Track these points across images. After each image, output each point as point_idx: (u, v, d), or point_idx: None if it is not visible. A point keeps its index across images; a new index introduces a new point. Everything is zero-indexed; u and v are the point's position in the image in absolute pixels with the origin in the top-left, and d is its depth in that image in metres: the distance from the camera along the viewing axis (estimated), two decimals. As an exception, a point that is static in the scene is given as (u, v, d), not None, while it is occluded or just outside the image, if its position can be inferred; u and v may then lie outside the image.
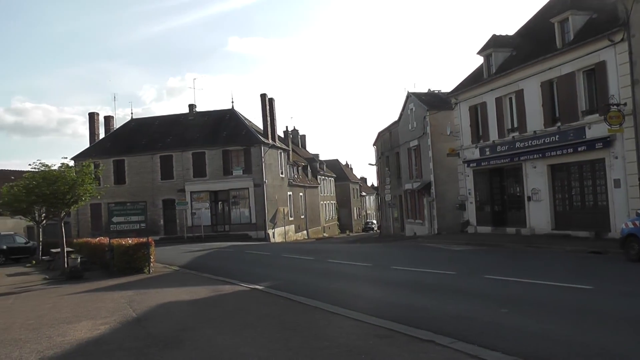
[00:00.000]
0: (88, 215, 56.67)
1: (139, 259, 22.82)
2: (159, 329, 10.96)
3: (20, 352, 9.85)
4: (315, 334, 9.65)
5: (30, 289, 20.84)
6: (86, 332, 11.21)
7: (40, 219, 34.21)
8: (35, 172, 26.09)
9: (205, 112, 62.35)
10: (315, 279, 18.31)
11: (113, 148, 59.01)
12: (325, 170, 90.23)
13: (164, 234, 53.68)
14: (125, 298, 15.68)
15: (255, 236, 51.77)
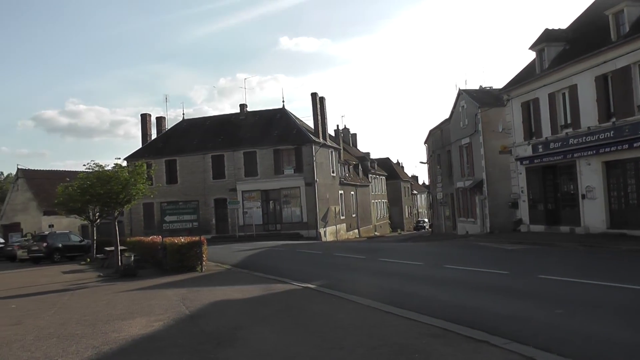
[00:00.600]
0: (141, 214, 57.49)
1: (192, 258, 23.02)
2: (212, 327, 11.01)
3: (77, 347, 10.02)
4: (367, 332, 9.60)
5: (85, 286, 21.18)
6: (140, 328, 11.34)
7: (94, 218, 34.81)
8: (90, 173, 26.55)
9: (256, 111, 62.75)
10: (366, 278, 18.25)
11: (165, 148, 59.74)
12: (377, 169, 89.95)
13: (215, 233, 54.12)
14: (178, 296, 15.82)
15: (307, 235, 51.82)
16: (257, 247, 36.79)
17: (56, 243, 38.23)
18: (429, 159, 61.31)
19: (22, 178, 64.33)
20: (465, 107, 44.03)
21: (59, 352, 9.76)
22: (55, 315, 14.12)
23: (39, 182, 63.66)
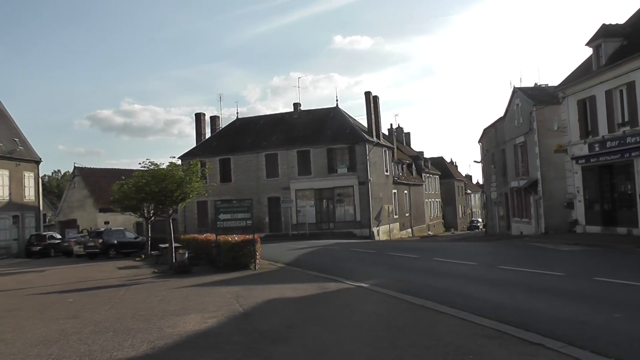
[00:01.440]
0: (195, 212, 58.13)
1: (245, 256, 23.16)
2: (266, 325, 11.09)
3: (133, 341, 10.21)
4: (421, 332, 9.59)
5: (140, 281, 21.55)
6: (195, 324, 11.48)
7: (149, 215, 35.28)
8: (145, 171, 26.90)
9: (310, 110, 62.96)
10: (420, 277, 18.15)
11: (219, 147, 60.30)
12: (430, 168, 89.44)
13: (269, 231, 54.39)
14: (232, 293, 15.95)
15: (360, 234, 51.71)
16: (310, 246, 36.85)
17: (112, 239, 38.92)
18: (483, 158, 60.65)
19: (78, 176, 65.65)
20: (520, 105, 43.44)
21: (115, 345, 9.96)
22: (111, 309, 14.41)
23: (94, 180, 64.93)
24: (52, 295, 18.92)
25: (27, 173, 52.30)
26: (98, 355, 9.31)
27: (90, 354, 9.43)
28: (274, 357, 8.58)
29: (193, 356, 8.91)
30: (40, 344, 10.50)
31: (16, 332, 11.97)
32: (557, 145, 35.70)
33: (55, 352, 9.72)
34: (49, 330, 11.83)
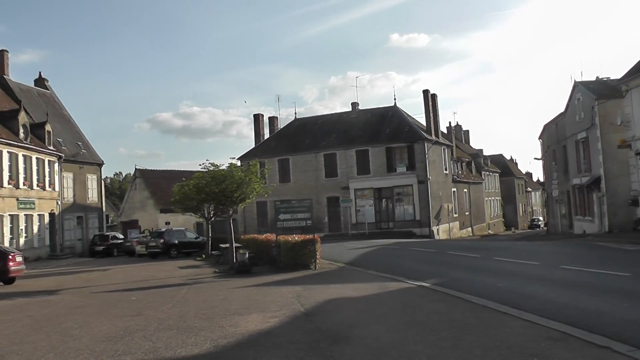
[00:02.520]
0: (254, 212, 58.55)
1: (305, 255, 23.25)
2: (327, 324, 11.12)
3: (196, 339, 10.39)
4: (484, 333, 9.50)
5: (201, 281, 21.84)
6: (257, 324, 11.58)
7: (209, 215, 35.68)
8: (205, 172, 27.24)
9: (368, 109, 62.86)
10: (481, 277, 17.96)
11: (278, 147, 60.66)
12: (490, 166, 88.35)
13: (328, 231, 54.45)
14: (293, 293, 16.04)
15: (419, 233, 51.42)
16: (370, 245, 36.77)
17: (173, 239, 39.49)
18: (544, 155, 59.65)
19: (139, 178, 66.79)
20: (581, 99, 42.58)
21: (178, 343, 10.15)
22: (174, 308, 14.65)
23: (155, 182, 66.00)
24: (116, 293, 19.34)
25: (90, 175, 53.52)
26: (162, 352, 9.49)
27: (154, 351, 9.62)
28: (336, 356, 8.60)
29: (256, 355, 8.98)
30: (106, 340, 10.77)
31: (83, 328, 12.29)
32: (621, 140, 34.81)
33: (121, 349, 9.95)
34: (114, 327, 12.11)
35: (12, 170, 40.70)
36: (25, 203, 42.02)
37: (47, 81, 58.21)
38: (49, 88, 58.09)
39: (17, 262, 25.46)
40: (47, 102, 54.64)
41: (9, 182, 40.08)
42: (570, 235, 42.95)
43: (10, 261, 24.86)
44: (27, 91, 52.73)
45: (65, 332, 11.97)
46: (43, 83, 57.51)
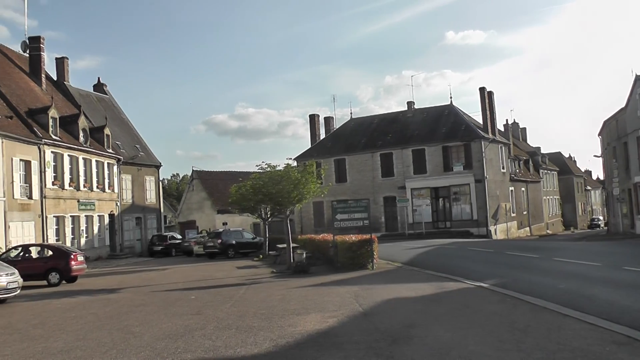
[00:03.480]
0: (311, 212, 58.73)
1: (363, 255, 23.23)
2: (386, 324, 11.10)
3: (255, 339, 10.46)
4: (546, 335, 9.36)
5: (259, 281, 21.98)
6: (315, 324, 11.61)
7: (266, 216, 35.86)
8: (262, 173, 27.43)
9: (424, 108, 62.48)
10: (541, 278, 17.68)
11: (334, 147, 60.75)
12: (547, 164, 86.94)
13: (385, 230, 54.32)
14: (351, 293, 16.04)
15: (477, 233, 50.89)
16: (426, 245, 36.57)
17: (230, 240, 39.82)
18: (604, 152, 58.42)
19: (197, 179, 67.60)
20: (643, 95, 41.59)
21: (238, 342, 10.25)
22: (233, 307, 14.78)
23: (212, 183, 66.77)
24: (175, 292, 19.61)
25: (148, 177, 54.47)
26: (222, 351, 9.59)
27: (214, 350, 9.73)
28: (396, 356, 8.58)
29: (315, 355, 9.00)
30: (167, 338, 10.95)
31: (144, 325, 12.51)
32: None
33: (181, 346, 10.10)
34: (174, 325, 12.30)
35: (73, 172, 41.69)
36: (86, 204, 42.91)
37: (105, 86, 59.50)
38: (107, 93, 59.34)
39: (79, 261, 26.19)
40: (106, 107, 55.84)
41: (70, 184, 41.02)
42: (632, 235, 41.97)
43: (72, 260, 25.59)
44: (87, 96, 53.92)
45: (127, 329, 12.22)
46: (102, 88, 58.84)
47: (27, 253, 27.26)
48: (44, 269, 25.39)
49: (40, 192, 37.29)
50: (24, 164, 36.01)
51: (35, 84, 45.43)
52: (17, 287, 19.45)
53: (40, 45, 46.88)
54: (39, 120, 38.91)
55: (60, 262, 25.57)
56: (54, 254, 26.25)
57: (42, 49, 47.06)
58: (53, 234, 38.72)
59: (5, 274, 18.97)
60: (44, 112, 39.60)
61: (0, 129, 33.41)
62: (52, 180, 38.98)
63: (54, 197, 38.95)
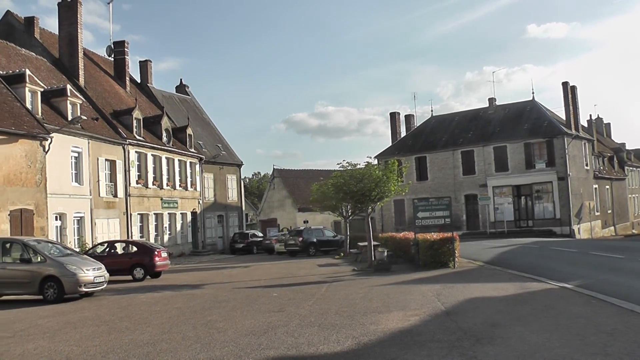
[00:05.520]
0: (391, 210, 58.59)
1: (444, 254, 23.09)
2: (469, 324, 11.04)
3: (337, 336, 10.54)
4: (634, 340, 9.15)
5: (340, 279, 22.07)
6: (397, 322, 11.63)
7: (347, 214, 35.93)
8: (343, 171, 27.46)
9: (505, 105, 61.45)
10: (628, 280, 17.23)
11: (414, 145, 60.47)
12: (633, 161, 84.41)
13: (466, 229, 53.73)
14: (433, 291, 16.00)
15: (560, 232, 49.76)
16: (508, 244, 36.07)
17: (311, 238, 40.07)
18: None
19: (278, 177, 68.34)
20: None
21: (320, 339, 10.33)
22: (315, 305, 14.90)
23: (293, 181, 67.38)
24: (257, 289, 19.89)
25: (229, 176, 55.44)
26: (305, 348, 9.69)
27: (297, 347, 9.84)
28: (480, 357, 8.54)
29: (397, 353, 9.02)
30: (250, 334, 11.13)
31: (227, 322, 12.74)
32: None
33: (265, 343, 10.25)
34: (257, 322, 12.49)
35: (156, 171, 42.84)
36: (169, 202, 43.89)
37: (187, 87, 60.98)
38: (189, 94, 60.72)
39: (163, 257, 26.96)
40: (188, 107, 57.13)
41: (154, 182, 42.10)
42: None
43: (156, 256, 26.35)
44: (169, 97, 55.29)
45: (211, 325, 12.47)
46: (184, 89, 60.32)
47: (113, 249, 28.11)
48: (129, 264, 26.28)
49: (125, 191, 38.38)
50: (109, 163, 37.20)
51: (119, 86, 46.93)
52: (103, 281, 20.17)
53: (125, 49, 48.43)
54: (124, 122, 40.18)
55: (144, 258, 26.38)
56: (139, 250, 27.08)
57: (126, 52, 48.61)
58: (137, 231, 39.81)
59: (93, 269, 19.66)
60: (128, 114, 40.91)
61: (87, 130, 34.59)
62: (136, 179, 40.13)
63: (138, 195, 40.02)
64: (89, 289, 19.33)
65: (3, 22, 41.94)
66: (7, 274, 19.18)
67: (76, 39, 40.47)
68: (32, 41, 40.88)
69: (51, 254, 19.61)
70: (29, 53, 38.49)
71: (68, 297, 18.87)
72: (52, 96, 33.86)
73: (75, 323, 13.97)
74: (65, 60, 40.65)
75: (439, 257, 23.04)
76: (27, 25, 41.96)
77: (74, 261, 19.55)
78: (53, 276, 18.71)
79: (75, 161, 33.73)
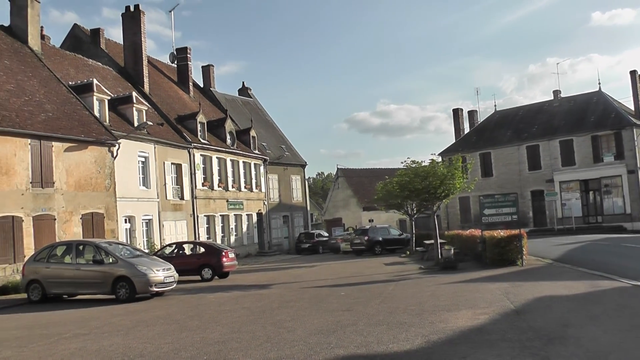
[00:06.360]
0: (456, 207, 58.12)
1: (511, 251, 22.80)
2: (539, 323, 10.88)
3: (407, 335, 10.51)
4: None
5: (407, 277, 22.03)
6: (466, 320, 11.55)
7: (412, 212, 35.81)
8: (408, 169, 27.39)
9: (570, 97, 60.13)
10: None
11: (478, 141, 59.82)
12: None
13: (533, 225, 52.86)
14: (501, 290, 15.83)
15: (631, 228, 48.32)
16: (577, 241, 35.35)
17: (377, 236, 40.03)
18: None
19: (342, 177, 68.49)
20: None
21: (389, 338, 10.33)
22: (382, 304, 14.92)
23: (357, 180, 67.44)
24: (325, 288, 19.98)
25: (294, 176, 55.87)
26: (374, 347, 9.68)
27: (366, 345, 9.84)
28: (552, 357, 8.40)
29: (467, 352, 8.96)
30: (319, 333, 11.18)
31: (295, 321, 12.83)
32: None
33: (334, 342, 10.28)
34: (325, 321, 12.54)
35: (221, 174, 43.50)
36: (234, 204, 44.42)
37: (249, 90, 61.79)
38: (251, 96, 61.48)
39: (230, 258, 27.37)
40: (251, 110, 57.86)
41: (219, 185, 42.70)
42: None
43: (224, 257, 26.78)
44: (232, 101, 56.09)
45: (279, 324, 12.56)
46: (246, 92, 61.18)
47: (181, 250, 28.66)
48: (197, 264, 26.79)
49: (191, 193, 39.01)
50: (175, 167, 37.89)
51: (183, 92, 47.84)
52: (173, 281, 20.77)
53: (187, 55, 49.29)
54: (188, 126, 40.89)
55: (212, 258, 26.84)
56: (206, 251, 27.58)
57: (189, 58, 49.48)
58: (204, 232, 40.42)
59: (162, 269, 20.25)
60: (192, 118, 41.59)
61: (153, 136, 35.31)
62: (201, 182, 40.78)
63: (204, 198, 40.61)
64: (159, 289, 19.93)
65: (71, 35, 43.39)
66: (81, 275, 20.14)
67: (140, 47, 41.42)
68: (99, 52, 42.06)
69: (122, 255, 20.34)
70: (96, 63, 39.64)
71: (139, 296, 19.48)
72: (119, 104, 34.82)
73: (147, 321, 14.37)
74: (130, 68, 41.65)
75: (506, 255, 22.75)
76: (93, 37, 43.17)
77: (144, 262, 20.17)
78: (124, 276, 19.45)
79: (142, 165, 34.49)
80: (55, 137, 26.86)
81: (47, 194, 26.27)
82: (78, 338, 12.44)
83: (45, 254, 21.10)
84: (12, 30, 32.37)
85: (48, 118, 27.47)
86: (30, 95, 28.14)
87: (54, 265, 20.55)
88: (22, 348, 11.70)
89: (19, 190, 24.98)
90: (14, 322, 16.05)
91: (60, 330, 13.70)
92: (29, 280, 20.65)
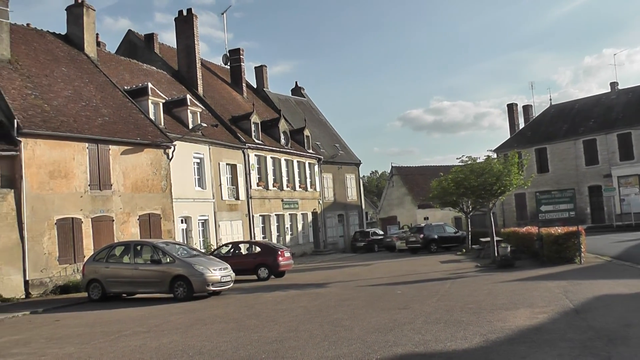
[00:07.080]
0: (512, 204, 57.45)
1: (569, 249, 22.51)
2: (600, 322, 10.74)
3: (464, 333, 10.49)
4: None
5: (463, 275, 21.94)
6: (525, 319, 11.46)
7: (468, 209, 35.56)
8: (463, 166, 27.21)
9: (628, 88, 58.72)
10: None
11: (534, 136, 59.05)
12: None
13: (590, 222, 51.88)
14: (559, 288, 15.66)
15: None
16: (637, 238, 34.42)
17: (432, 234, 39.88)
18: None
19: (396, 175, 68.17)
20: None
21: (447, 336, 10.32)
22: (439, 302, 14.88)
23: (411, 178, 67.07)
24: (381, 287, 20.00)
25: (348, 175, 55.87)
26: (432, 345, 9.69)
27: (424, 343, 9.85)
28: (614, 358, 8.30)
29: (527, 351, 8.90)
30: (376, 332, 11.22)
31: (353, 319, 12.88)
32: None
33: (391, 340, 10.31)
34: (382, 319, 12.58)
35: (276, 173, 43.83)
36: (289, 203, 44.67)
37: (303, 89, 62.00)
38: (305, 96, 61.71)
39: (286, 257, 27.53)
40: (305, 109, 58.07)
41: (274, 184, 42.99)
42: None
43: (280, 256, 26.94)
44: (286, 100, 56.41)
45: (336, 323, 12.62)
46: (299, 91, 61.41)
47: (237, 250, 28.94)
48: (253, 264, 27.02)
49: (246, 193, 39.36)
50: (230, 167, 38.30)
51: (237, 93, 48.37)
52: (230, 280, 21.04)
53: (240, 57, 49.89)
54: (242, 126, 41.26)
55: (268, 258, 27.02)
56: (262, 251, 27.79)
57: (242, 60, 50.09)
58: (259, 232, 40.72)
59: (219, 269, 20.54)
60: (246, 119, 41.98)
61: (207, 137, 35.76)
62: (256, 182, 41.10)
63: (259, 197, 40.91)
64: (216, 288, 20.21)
65: (125, 41, 44.37)
66: (139, 274, 20.60)
67: (193, 50, 41.93)
68: (153, 56, 42.82)
69: (179, 255, 20.73)
70: (150, 67, 40.38)
71: (197, 295, 19.75)
72: (173, 106, 35.42)
73: (205, 320, 14.60)
74: (184, 71, 42.22)
75: (564, 252, 22.46)
76: (147, 42, 44.03)
77: (201, 261, 20.47)
78: (182, 276, 19.81)
79: (197, 167, 34.92)
80: (112, 140, 27.47)
81: (105, 196, 26.86)
82: (138, 335, 12.76)
83: (104, 254, 21.65)
84: (69, 38, 33.27)
85: (105, 122, 28.07)
86: (88, 101, 28.83)
87: (113, 265, 21.05)
88: (84, 345, 12.08)
89: (78, 192, 25.60)
90: (76, 320, 16.52)
91: (120, 328, 14.06)
92: (89, 279, 21.23)
